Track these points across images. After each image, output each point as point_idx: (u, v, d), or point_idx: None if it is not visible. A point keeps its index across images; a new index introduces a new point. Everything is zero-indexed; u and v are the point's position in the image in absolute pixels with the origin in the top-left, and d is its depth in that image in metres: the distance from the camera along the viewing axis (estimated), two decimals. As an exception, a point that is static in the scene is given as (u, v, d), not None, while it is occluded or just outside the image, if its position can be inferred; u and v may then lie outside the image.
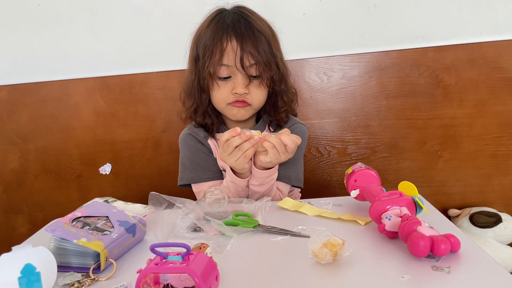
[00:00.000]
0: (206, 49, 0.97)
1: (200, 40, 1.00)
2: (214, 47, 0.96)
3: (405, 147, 1.37)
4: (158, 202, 0.83)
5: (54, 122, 1.42)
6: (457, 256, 0.63)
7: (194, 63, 1.02)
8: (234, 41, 0.95)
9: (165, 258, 0.56)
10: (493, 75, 1.31)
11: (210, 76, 0.98)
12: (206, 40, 0.98)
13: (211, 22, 1.00)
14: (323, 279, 0.60)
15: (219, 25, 0.98)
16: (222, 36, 0.96)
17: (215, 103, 1.03)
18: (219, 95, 1.00)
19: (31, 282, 0.57)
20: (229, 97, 0.99)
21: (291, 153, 0.91)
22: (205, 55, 0.97)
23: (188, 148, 1.08)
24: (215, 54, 0.95)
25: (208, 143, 1.07)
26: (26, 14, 1.36)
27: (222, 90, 0.99)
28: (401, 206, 0.71)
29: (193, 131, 1.08)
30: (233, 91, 0.97)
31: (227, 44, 0.95)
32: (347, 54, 1.33)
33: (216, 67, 0.96)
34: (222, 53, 0.95)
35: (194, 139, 1.07)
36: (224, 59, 0.95)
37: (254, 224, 0.78)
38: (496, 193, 1.39)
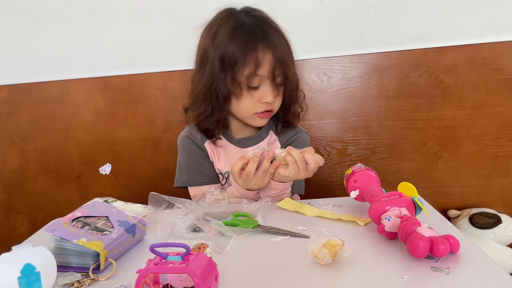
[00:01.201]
0: (237, 54, 0.92)
1: (225, 44, 0.94)
2: (247, 55, 0.92)
3: (404, 148, 1.38)
4: (158, 202, 0.83)
5: (54, 122, 1.43)
6: (456, 257, 0.63)
7: (216, 69, 0.95)
8: (270, 53, 0.93)
9: (164, 258, 0.56)
10: (493, 76, 1.31)
11: (239, 86, 0.94)
12: (236, 46, 0.93)
13: (235, 29, 0.95)
14: (322, 280, 0.60)
15: (251, 33, 0.94)
16: (258, 46, 0.93)
17: (240, 112, 1.00)
18: (247, 105, 0.97)
19: (31, 282, 0.57)
20: (257, 107, 0.97)
21: (311, 173, 0.90)
22: (236, 62, 0.93)
23: (185, 151, 1.07)
24: (249, 65, 0.92)
25: (205, 147, 1.06)
26: (26, 14, 1.37)
27: (250, 100, 0.96)
28: (401, 207, 0.71)
29: (191, 133, 1.07)
30: (262, 100, 0.96)
31: (264, 55, 0.93)
32: (347, 55, 1.33)
33: (250, 78, 0.94)
34: (256, 64, 0.92)
35: (192, 142, 1.06)
36: (258, 70, 0.93)
37: (254, 225, 0.78)
38: (496, 194, 1.39)
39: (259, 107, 0.97)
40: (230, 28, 0.95)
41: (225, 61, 0.94)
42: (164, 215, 0.81)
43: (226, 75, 0.94)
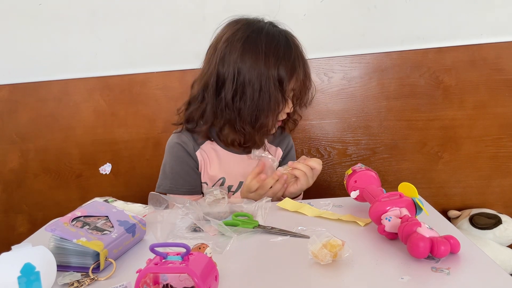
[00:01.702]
0: (287, 66, 0.96)
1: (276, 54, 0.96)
2: (295, 71, 0.98)
3: (405, 148, 1.37)
4: (158, 202, 0.83)
5: (54, 121, 1.43)
6: (456, 258, 0.63)
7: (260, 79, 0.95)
8: (302, 70, 1.00)
9: (164, 258, 0.56)
10: (494, 77, 1.31)
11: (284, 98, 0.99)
12: (286, 60, 0.97)
13: (288, 44, 0.99)
14: (322, 280, 0.60)
15: (293, 46, 1.00)
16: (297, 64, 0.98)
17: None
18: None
19: (30, 282, 0.57)
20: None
21: (315, 177, 0.96)
22: (285, 73, 0.96)
23: (174, 158, 1.06)
24: (296, 79, 0.98)
25: (196, 156, 1.06)
26: (26, 14, 1.36)
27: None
28: (401, 207, 0.71)
29: (182, 140, 1.06)
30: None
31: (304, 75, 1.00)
32: (348, 55, 1.33)
33: (290, 90, 0.99)
34: (302, 82, 1.00)
35: (183, 149, 1.05)
36: (302, 88, 1.01)
37: (254, 225, 0.78)
38: (496, 195, 1.38)
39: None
40: (276, 40, 0.97)
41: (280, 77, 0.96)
42: (164, 215, 0.81)
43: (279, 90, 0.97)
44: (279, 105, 0.98)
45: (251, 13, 1.10)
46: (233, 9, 1.12)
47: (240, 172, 1.06)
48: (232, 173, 1.06)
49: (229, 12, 1.11)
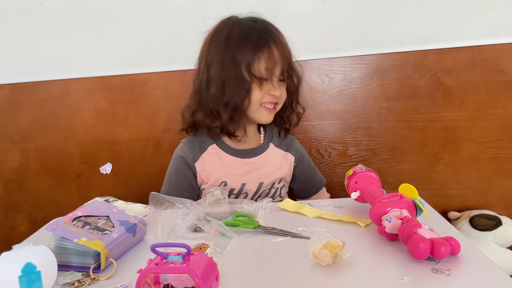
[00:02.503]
0: (251, 54, 1.00)
1: (240, 45, 1.01)
2: (260, 52, 1.01)
3: (405, 149, 1.37)
4: (159, 202, 0.83)
5: (55, 121, 1.43)
6: (457, 259, 0.63)
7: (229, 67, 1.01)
8: (277, 49, 1.02)
9: (165, 258, 0.56)
10: (494, 78, 1.31)
11: (255, 77, 1.01)
12: (249, 47, 1.01)
13: (247, 30, 1.03)
14: (323, 281, 0.60)
15: (262, 34, 1.03)
16: (270, 43, 1.02)
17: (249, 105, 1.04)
18: (257, 96, 1.03)
19: (31, 281, 0.57)
20: (264, 97, 1.03)
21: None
22: (250, 60, 1.00)
23: (174, 170, 1.12)
24: (262, 59, 1.01)
25: (195, 167, 1.09)
26: (28, 13, 1.37)
27: (259, 91, 1.02)
28: (402, 208, 0.71)
29: (185, 152, 1.10)
30: (270, 92, 1.03)
31: (273, 51, 1.01)
32: (348, 56, 1.33)
33: (261, 70, 1.01)
34: (269, 59, 1.01)
35: (183, 162, 1.09)
36: (270, 64, 1.01)
37: (255, 225, 0.78)
38: (496, 196, 1.38)
39: (265, 98, 1.03)
40: (241, 30, 1.03)
41: (240, 59, 1.00)
42: (164, 215, 0.82)
43: (243, 67, 1.00)
44: (244, 83, 1.01)
45: (251, 14, 1.10)
46: (234, 9, 1.12)
47: (242, 175, 1.08)
48: (234, 177, 1.08)
49: (229, 12, 1.12)
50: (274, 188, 1.12)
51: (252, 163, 1.09)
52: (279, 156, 1.14)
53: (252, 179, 1.08)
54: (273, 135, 1.16)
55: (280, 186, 1.13)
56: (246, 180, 1.08)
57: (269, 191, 1.11)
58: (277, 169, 1.12)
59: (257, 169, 1.09)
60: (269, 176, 1.10)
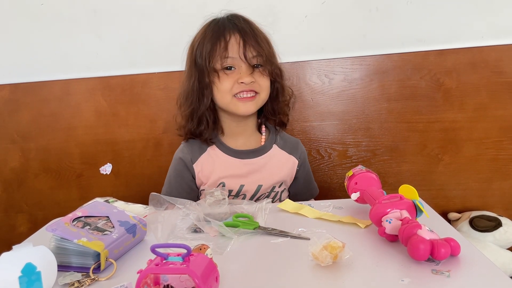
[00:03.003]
0: (209, 45, 1.00)
1: (199, 43, 1.03)
2: (217, 41, 1.00)
3: (405, 150, 1.38)
4: (159, 202, 0.83)
5: (55, 121, 1.43)
6: (457, 260, 0.63)
7: (194, 65, 1.03)
8: (237, 34, 1.00)
9: (165, 259, 0.56)
10: (494, 79, 1.31)
11: (214, 71, 1.00)
12: (207, 39, 1.01)
13: (209, 25, 1.04)
14: (323, 282, 0.60)
15: (219, 24, 1.03)
16: (225, 31, 1.00)
17: (220, 99, 1.03)
18: (224, 87, 1.00)
19: (31, 282, 0.57)
20: (234, 88, 1.00)
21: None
22: (208, 52, 1.00)
23: (173, 171, 1.11)
24: (219, 48, 0.99)
25: (193, 168, 1.08)
26: (28, 14, 1.37)
27: (226, 81, 1.00)
28: (402, 209, 0.71)
29: (184, 154, 1.09)
30: (239, 81, 1.00)
31: (230, 37, 0.99)
32: (349, 56, 1.33)
33: (222, 60, 0.99)
34: (226, 46, 0.99)
35: (182, 164, 1.09)
36: (228, 51, 0.99)
37: (255, 226, 0.78)
38: (496, 197, 1.38)
39: (236, 87, 1.00)
40: (206, 27, 1.05)
41: (201, 52, 1.01)
42: (164, 216, 0.81)
43: (204, 63, 1.00)
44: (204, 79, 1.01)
45: (252, 15, 1.10)
46: (234, 9, 1.12)
47: (241, 176, 1.07)
48: (232, 177, 1.06)
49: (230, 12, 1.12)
50: (274, 192, 1.10)
51: (252, 164, 1.07)
52: (283, 159, 1.11)
53: (251, 181, 1.07)
54: (277, 136, 1.13)
55: (280, 190, 1.11)
56: (244, 181, 1.06)
57: (269, 194, 1.10)
58: (278, 171, 1.09)
59: (257, 170, 1.07)
60: (269, 178, 1.08)
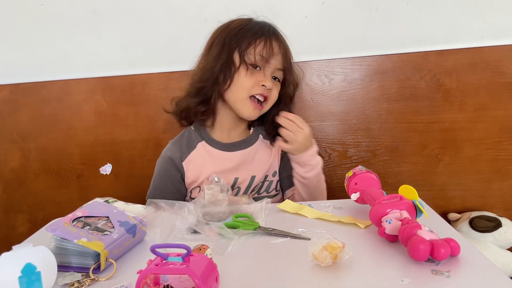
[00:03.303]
0: (252, 36, 1.01)
1: (241, 29, 1.03)
2: (261, 37, 1.01)
3: (405, 151, 1.37)
4: (157, 206, 0.83)
5: (55, 121, 1.43)
6: (457, 260, 0.63)
7: (224, 48, 1.02)
8: (280, 43, 1.04)
9: (165, 259, 0.56)
10: (494, 80, 1.31)
11: (244, 62, 1.01)
12: (251, 31, 1.02)
13: (251, 20, 1.06)
14: (322, 282, 0.60)
15: (267, 26, 1.06)
16: (272, 34, 1.03)
17: (235, 92, 1.03)
18: (247, 82, 1.01)
19: (31, 282, 0.57)
20: (254, 88, 1.02)
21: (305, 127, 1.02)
22: (249, 42, 1.01)
23: (160, 170, 1.11)
24: (262, 44, 1.01)
25: (182, 166, 1.08)
26: (28, 14, 1.37)
27: (249, 79, 1.01)
28: (401, 210, 0.71)
29: (172, 152, 1.09)
30: (261, 83, 1.01)
31: (274, 42, 1.03)
32: (349, 57, 1.33)
33: (258, 56, 1.01)
34: (269, 47, 1.01)
35: (171, 162, 1.08)
36: (268, 52, 1.01)
37: (255, 226, 0.78)
38: (496, 198, 1.38)
39: (255, 89, 1.02)
40: (242, 22, 1.06)
41: (238, 40, 1.01)
42: (164, 216, 0.82)
43: (235, 50, 1.01)
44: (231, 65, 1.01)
45: (252, 15, 1.11)
46: (235, 10, 1.13)
47: (233, 169, 1.08)
48: (225, 171, 1.07)
49: (230, 13, 1.12)
50: (268, 181, 1.11)
51: (243, 155, 1.09)
52: (269, 146, 1.14)
53: (244, 173, 1.08)
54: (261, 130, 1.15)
55: (275, 179, 1.13)
56: (238, 174, 1.08)
57: (262, 184, 1.11)
58: (268, 159, 1.11)
59: (249, 161, 1.09)
60: (261, 168, 1.10)
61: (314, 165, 1.06)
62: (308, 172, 1.06)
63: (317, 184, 1.08)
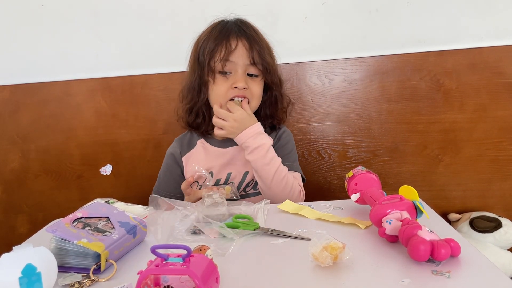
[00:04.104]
0: (212, 45, 1.03)
1: (204, 41, 1.06)
2: (220, 43, 1.02)
3: (405, 151, 1.38)
4: (158, 204, 0.83)
5: (56, 122, 1.43)
6: (457, 261, 0.63)
7: (197, 61, 1.07)
8: (241, 39, 1.04)
9: (165, 260, 0.56)
10: (494, 80, 1.31)
11: (213, 72, 1.04)
12: (211, 39, 1.04)
13: (216, 25, 1.08)
14: (323, 282, 0.60)
15: (226, 27, 1.06)
16: (230, 34, 1.03)
17: (216, 99, 1.07)
18: (221, 90, 1.05)
19: (31, 282, 0.57)
20: (228, 92, 1.04)
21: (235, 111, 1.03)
22: (212, 51, 1.03)
23: (164, 165, 1.17)
24: (222, 50, 1.02)
25: (182, 161, 1.13)
26: (29, 15, 1.37)
27: (222, 85, 1.05)
28: (402, 210, 0.71)
29: (174, 148, 1.15)
30: (233, 86, 1.03)
31: (234, 41, 1.03)
32: (349, 57, 1.34)
33: (222, 62, 1.02)
34: (228, 49, 1.02)
35: (172, 158, 1.14)
36: (230, 55, 1.02)
37: (255, 227, 0.78)
38: (496, 198, 1.38)
39: (230, 92, 1.04)
40: (212, 27, 1.08)
41: (204, 51, 1.04)
42: (164, 217, 0.81)
43: (205, 63, 1.04)
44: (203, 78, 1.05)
45: (252, 16, 1.11)
46: (235, 10, 1.13)
47: (226, 163, 1.10)
48: (220, 167, 1.10)
49: (230, 14, 1.12)
50: None
51: (236, 150, 1.10)
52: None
53: (237, 168, 1.09)
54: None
55: None
56: (231, 169, 1.10)
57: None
58: None
59: (242, 157, 1.07)
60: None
61: (255, 147, 1.02)
62: (249, 154, 1.03)
63: (265, 169, 1.01)
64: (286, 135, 1.17)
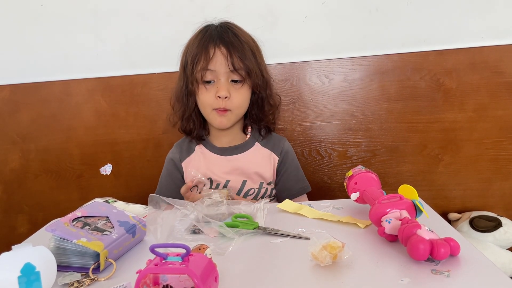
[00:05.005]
0: (194, 55, 1.04)
1: (188, 49, 1.08)
2: (200, 53, 1.03)
3: (405, 151, 1.37)
4: (158, 204, 0.83)
5: (55, 122, 1.43)
6: (456, 260, 0.63)
7: (183, 70, 1.09)
8: (219, 47, 1.03)
9: (164, 259, 0.56)
10: (494, 80, 1.31)
11: (197, 81, 1.05)
12: (194, 48, 1.05)
13: (199, 33, 1.09)
14: (322, 282, 0.60)
15: (206, 34, 1.06)
16: (209, 43, 1.04)
17: (201, 108, 1.09)
18: (205, 99, 1.06)
19: (30, 282, 0.57)
20: (214, 102, 1.05)
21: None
22: (193, 61, 1.04)
23: (164, 170, 1.18)
24: (201, 60, 1.03)
25: (181, 166, 1.14)
26: (28, 14, 1.37)
27: (207, 94, 1.06)
28: (401, 209, 0.71)
29: (173, 153, 1.16)
30: (216, 95, 1.04)
31: (212, 50, 1.03)
32: (349, 57, 1.33)
33: (202, 72, 1.03)
34: (207, 58, 1.02)
35: (172, 163, 1.15)
36: (209, 64, 1.02)
37: (254, 226, 0.78)
38: (496, 198, 1.38)
39: (215, 102, 1.04)
40: (196, 34, 1.09)
41: (188, 60, 1.05)
42: (163, 216, 0.81)
43: (190, 72, 1.05)
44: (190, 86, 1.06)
45: (252, 15, 1.11)
46: (234, 10, 1.13)
47: (226, 172, 1.11)
48: (218, 173, 1.11)
49: (230, 13, 1.12)
50: (264, 188, 1.12)
51: (235, 160, 1.11)
52: (264, 155, 1.13)
53: (235, 177, 1.10)
54: (260, 135, 1.16)
55: (270, 187, 1.13)
56: (230, 177, 1.10)
57: (259, 191, 1.11)
58: (259, 168, 1.11)
59: (240, 167, 1.10)
60: (252, 175, 1.11)
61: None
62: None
63: None
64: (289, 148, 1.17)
